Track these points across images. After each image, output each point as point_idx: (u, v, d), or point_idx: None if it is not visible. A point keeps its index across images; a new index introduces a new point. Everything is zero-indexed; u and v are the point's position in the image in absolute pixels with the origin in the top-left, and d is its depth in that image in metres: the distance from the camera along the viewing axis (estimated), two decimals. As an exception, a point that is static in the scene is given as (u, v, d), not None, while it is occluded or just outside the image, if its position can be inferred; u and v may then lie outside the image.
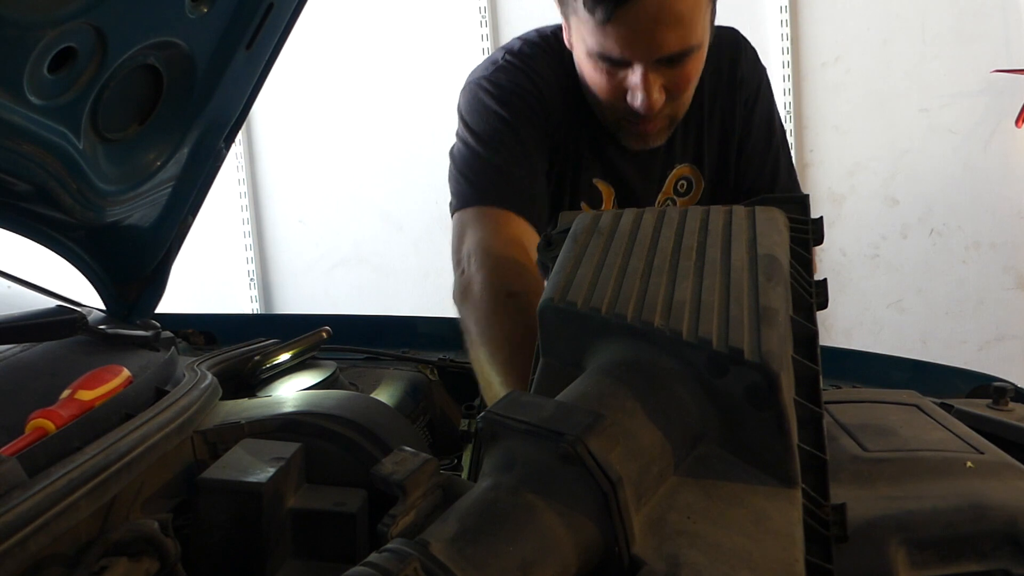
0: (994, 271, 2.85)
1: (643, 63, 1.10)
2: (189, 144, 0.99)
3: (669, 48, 1.08)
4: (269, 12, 0.91)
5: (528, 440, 0.47)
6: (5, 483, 0.55)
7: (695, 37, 1.09)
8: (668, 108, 1.18)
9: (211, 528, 0.67)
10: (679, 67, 1.12)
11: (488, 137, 1.20)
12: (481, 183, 1.16)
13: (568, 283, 0.62)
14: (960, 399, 0.92)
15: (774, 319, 0.54)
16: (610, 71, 1.14)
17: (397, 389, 1.05)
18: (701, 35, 1.11)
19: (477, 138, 1.21)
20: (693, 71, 1.15)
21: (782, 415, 0.50)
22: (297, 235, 3.55)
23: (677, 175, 1.35)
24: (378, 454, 0.73)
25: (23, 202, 0.91)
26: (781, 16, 2.86)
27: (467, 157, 1.21)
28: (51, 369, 0.86)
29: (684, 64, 1.12)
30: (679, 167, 1.34)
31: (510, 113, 1.21)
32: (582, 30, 1.12)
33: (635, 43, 1.08)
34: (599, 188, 1.33)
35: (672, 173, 1.35)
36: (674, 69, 1.12)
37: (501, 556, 0.43)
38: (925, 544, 0.57)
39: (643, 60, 1.10)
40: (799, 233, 0.71)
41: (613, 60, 1.12)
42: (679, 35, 1.07)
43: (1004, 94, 2.71)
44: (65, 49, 0.74)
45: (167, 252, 1.11)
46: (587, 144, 1.29)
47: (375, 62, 3.27)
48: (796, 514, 0.49)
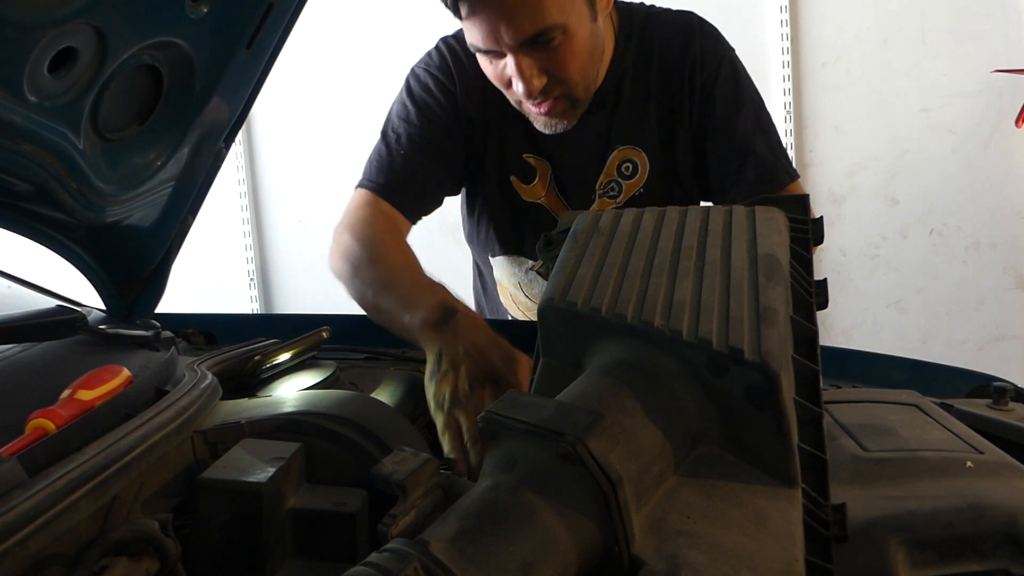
0: (994, 271, 2.85)
1: (509, 51, 1.16)
2: (189, 144, 0.99)
3: (524, 31, 1.13)
4: (269, 12, 0.91)
5: (528, 440, 0.47)
6: (5, 483, 0.55)
7: (551, 17, 1.12)
8: (558, 89, 1.22)
9: (211, 528, 0.67)
10: (549, 49, 1.16)
11: (391, 130, 1.37)
12: (369, 170, 1.35)
13: (568, 283, 0.62)
14: (960, 399, 0.92)
15: (774, 319, 0.54)
16: (492, 62, 1.21)
17: (397, 389, 1.05)
18: (560, 15, 1.13)
19: (384, 128, 1.39)
20: (569, 52, 1.18)
21: (782, 415, 0.50)
22: (297, 235, 3.55)
23: (620, 157, 1.37)
24: (378, 454, 0.73)
25: (23, 202, 0.91)
26: (781, 16, 2.86)
27: (377, 141, 1.39)
28: (51, 369, 0.86)
29: (553, 45, 1.16)
30: (621, 149, 1.36)
31: (419, 109, 1.35)
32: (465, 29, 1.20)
33: (491, 33, 1.14)
34: (531, 163, 1.38)
35: (614, 154, 1.36)
36: (545, 52, 1.16)
37: (501, 556, 0.43)
38: (925, 544, 0.57)
39: (507, 48, 1.15)
40: (799, 233, 0.71)
41: (486, 51, 1.19)
42: (532, 18, 1.12)
43: (1004, 94, 2.71)
44: (65, 49, 0.73)
45: (167, 252, 1.11)
46: (516, 119, 1.34)
47: (375, 62, 3.27)
48: (796, 514, 0.49)
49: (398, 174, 1.33)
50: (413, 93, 1.37)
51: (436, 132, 1.35)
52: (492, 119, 1.36)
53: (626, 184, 1.37)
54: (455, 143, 1.37)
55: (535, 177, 1.38)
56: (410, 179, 1.33)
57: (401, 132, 1.35)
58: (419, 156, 1.34)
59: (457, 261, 1.73)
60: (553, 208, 1.40)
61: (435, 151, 1.35)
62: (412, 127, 1.35)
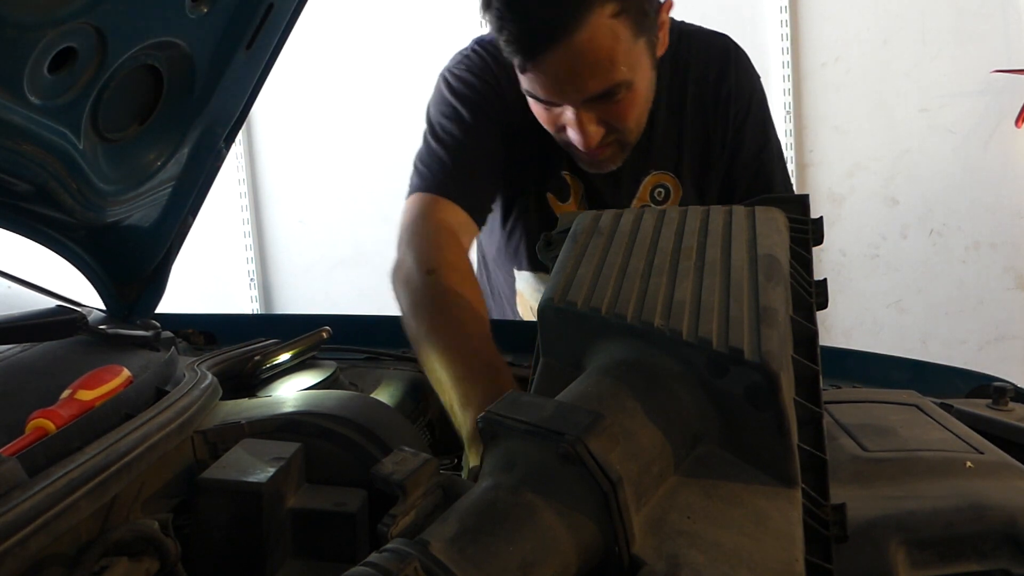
0: (994, 271, 2.85)
1: (571, 104, 1.12)
2: (189, 144, 0.99)
3: (592, 90, 1.09)
4: (269, 12, 0.91)
5: (528, 440, 0.47)
6: (5, 483, 0.55)
7: (619, 75, 1.09)
8: (612, 136, 1.19)
9: (211, 528, 0.67)
10: (611, 103, 1.13)
11: (440, 129, 1.27)
12: (424, 173, 1.25)
13: (568, 283, 0.62)
14: (960, 399, 0.92)
15: (774, 319, 0.54)
16: (546, 108, 1.16)
17: (397, 389, 1.05)
18: (628, 72, 1.10)
19: (431, 130, 1.29)
20: (629, 104, 1.15)
21: (782, 415, 0.50)
22: (297, 235, 3.55)
23: (653, 182, 1.35)
24: (378, 454, 0.73)
25: (23, 202, 0.91)
26: (781, 16, 2.86)
27: (421, 148, 1.29)
28: (51, 369, 0.86)
29: (616, 99, 1.12)
30: (655, 174, 1.34)
31: (464, 106, 1.27)
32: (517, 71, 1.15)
33: (556, 89, 1.11)
34: (568, 181, 1.35)
35: (647, 180, 1.35)
36: (607, 105, 1.13)
37: (501, 556, 0.43)
38: (925, 544, 0.57)
39: (569, 102, 1.12)
40: (799, 233, 0.71)
41: (543, 100, 1.14)
42: (600, 77, 1.08)
43: (1004, 94, 2.71)
44: (65, 49, 0.74)
45: (167, 252, 1.11)
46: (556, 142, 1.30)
47: (375, 62, 3.27)
48: (796, 514, 0.49)
49: (462, 172, 1.24)
50: (458, 92, 1.30)
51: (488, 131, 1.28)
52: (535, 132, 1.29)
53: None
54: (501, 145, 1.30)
55: (570, 195, 1.36)
56: (476, 177, 1.25)
57: (453, 131, 1.27)
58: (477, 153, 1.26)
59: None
60: None
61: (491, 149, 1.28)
62: (464, 124, 1.27)
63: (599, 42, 1.05)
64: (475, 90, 1.29)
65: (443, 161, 1.25)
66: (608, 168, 1.27)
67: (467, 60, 1.33)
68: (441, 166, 1.25)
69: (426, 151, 1.29)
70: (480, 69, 1.31)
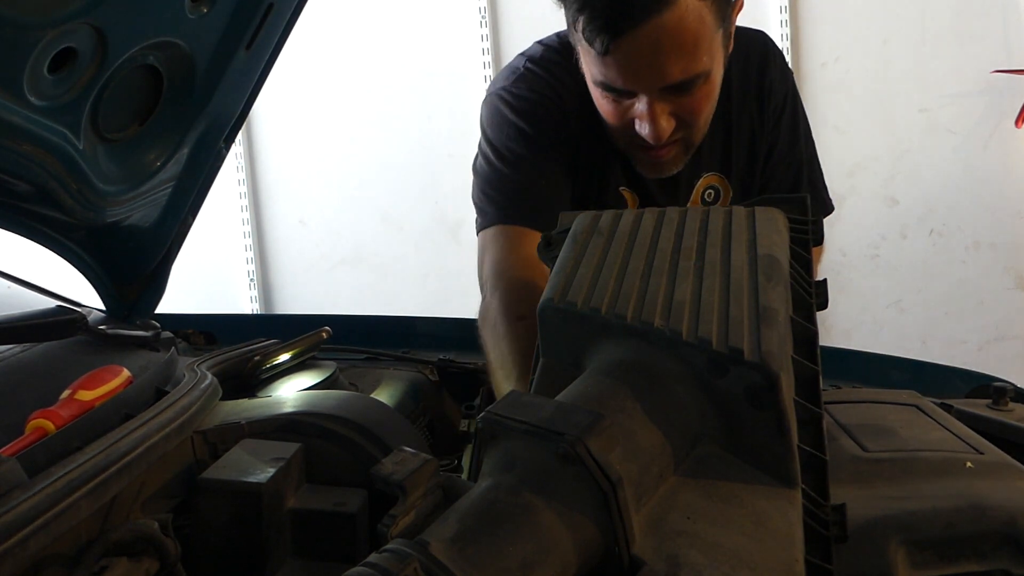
0: (994, 271, 2.85)
1: (647, 93, 1.07)
2: (189, 144, 0.99)
3: (673, 77, 1.05)
4: (269, 12, 0.91)
5: (528, 440, 0.47)
6: (5, 483, 0.55)
7: (701, 64, 1.05)
8: (680, 134, 1.14)
9: (211, 528, 0.67)
10: (687, 95, 1.09)
11: (508, 152, 1.19)
12: (500, 200, 1.16)
13: (568, 283, 0.62)
14: (960, 399, 0.92)
15: (774, 319, 0.54)
16: (616, 100, 1.12)
17: (397, 389, 1.05)
18: (709, 62, 1.07)
19: (497, 153, 1.20)
20: (704, 98, 1.11)
21: (782, 415, 0.50)
22: (297, 235, 3.55)
23: (704, 184, 1.32)
24: (378, 454, 0.73)
25: (23, 202, 0.91)
26: (781, 16, 2.86)
27: (488, 173, 1.20)
28: (51, 369, 0.86)
29: (693, 91, 1.08)
30: (706, 176, 1.32)
31: (530, 125, 1.19)
32: (586, 59, 1.10)
33: (637, 73, 1.06)
34: (625, 196, 1.31)
35: (699, 183, 1.32)
36: (682, 97, 1.09)
37: (501, 556, 0.43)
38: (925, 544, 0.57)
39: (647, 90, 1.07)
40: (799, 233, 0.71)
41: (617, 90, 1.09)
42: (683, 64, 1.04)
43: (1004, 94, 2.71)
44: (65, 49, 0.73)
45: (167, 252, 1.11)
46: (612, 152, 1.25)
47: (375, 62, 3.27)
48: (796, 514, 0.49)
49: (538, 196, 1.17)
50: (519, 110, 1.22)
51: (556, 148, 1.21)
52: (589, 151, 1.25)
53: None
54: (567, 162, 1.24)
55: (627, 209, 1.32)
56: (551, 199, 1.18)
57: (523, 153, 1.19)
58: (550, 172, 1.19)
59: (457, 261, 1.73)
60: None
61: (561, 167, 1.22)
62: (533, 144, 1.19)
63: (687, 24, 1.01)
64: (537, 106, 1.22)
65: (519, 186, 1.17)
66: (668, 172, 1.22)
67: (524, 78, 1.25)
68: (517, 192, 1.17)
69: (496, 177, 1.20)
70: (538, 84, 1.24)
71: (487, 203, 1.18)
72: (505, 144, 1.20)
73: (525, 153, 1.18)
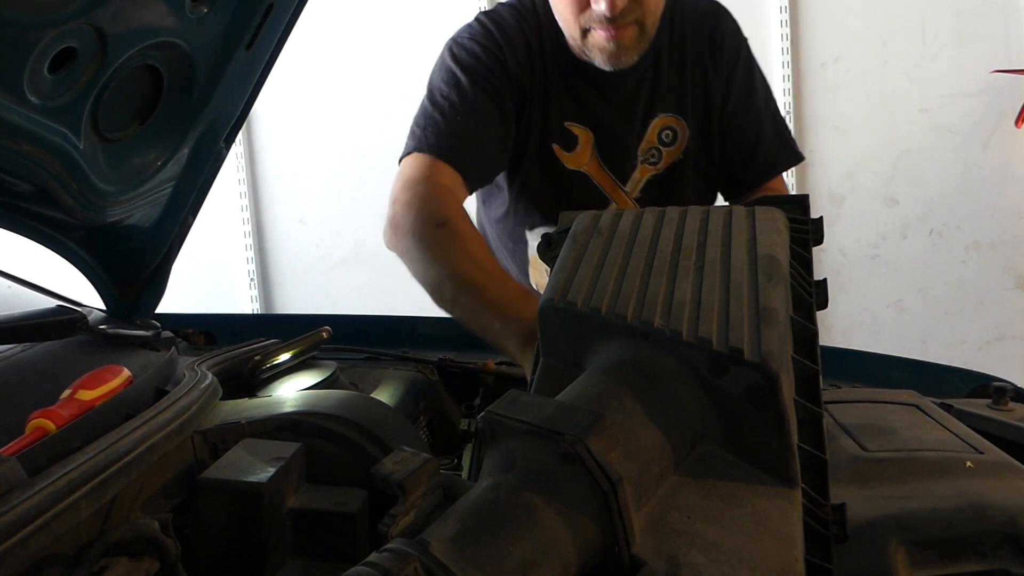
0: (994, 271, 2.85)
1: None
2: (189, 144, 0.99)
3: None
4: (269, 12, 0.91)
5: (528, 440, 0.47)
6: (5, 483, 0.55)
7: None
8: (634, 16, 1.24)
9: (211, 528, 0.67)
10: None
11: (439, 94, 1.32)
12: (420, 135, 1.29)
13: (568, 283, 0.62)
14: (960, 399, 0.92)
15: (774, 319, 0.54)
16: None
17: (397, 389, 1.05)
18: None
19: (430, 96, 1.34)
20: None
21: (782, 415, 0.50)
22: (297, 235, 3.54)
23: (660, 124, 1.40)
24: (378, 454, 0.73)
25: (23, 202, 0.91)
26: (781, 16, 2.86)
27: (418, 114, 1.34)
28: (51, 369, 0.86)
29: None
30: (662, 116, 1.39)
31: (467, 74, 1.32)
32: None
33: None
34: (574, 132, 1.38)
35: (655, 121, 1.40)
36: None
37: (501, 556, 0.43)
38: (925, 544, 0.57)
39: None
40: (799, 233, 0.71)
41: None
42: None
43: (1004, 94, 2.71)
44: (65, 49, 0.73)
45: (167, 252, 1.11)
46: (560, 87, 1.35)
47: (375, 62, 3.27)
48: (796, 514, 0.49)
49: (458, 137, 1.28)
50: (460, 60, 1.34)
51: (490, 97, 1.32)
52: (537, 87, 1.36)
53: (666, 151, 1.41)
54: (508, 109, 1.34)
55: (577, 145, 1.39)
56: (471, 142, 1.29)
57: (454, 98, 1.31)
58: (477, 120, 1.30)
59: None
60: (595, 176, 1.41)
61: (491, 116, 1.32)
62: (464, 92, 1.31)
63: None
64: (477, 58, 1.33)
65: (439, 125, 1.29)
66: (627, 59, 1.30)
67: (470, 28, 1.39)
68: (436, 130, 1.28)
69: (422, 115, 1.33)
70: (483, 36, 1.35)
71: (410, 137, 1.31)
72: (439, 87, 1.34)
73: (453, 98, 1.30)
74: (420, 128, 1.31)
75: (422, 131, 1.30)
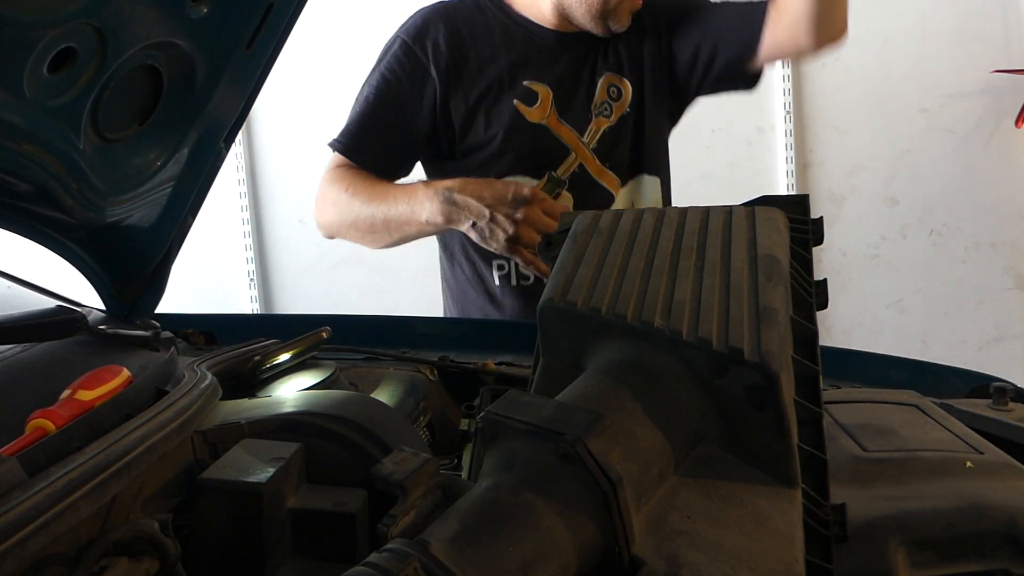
0: (994, 271, 2.85)
1: None
2: (189, 144, 0.99)
3: None
4: (269, 12, 0.91)
5: (528, 440, 0.47)
6: (5, 483, 0.55)
7: None
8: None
9: (211, 528, 0.66)
10: None
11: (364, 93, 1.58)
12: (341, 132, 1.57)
13: (568, 283, 0.62)
14: (960, 399, 0.92)
15: (774, 319, 0.54)
16: None
17: (397, 389, 1.05)
18: None
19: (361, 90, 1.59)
20: None
21: (782, 415, 0.50)
22: (297, 235, 3.54)
23: (607, 82, 1.57)
24: (378, 454, 0.73)
25: (23, 202, 0.91)
26: (781, 16, 2.85)
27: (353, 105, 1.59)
28: (51, 369, 0.86)
29: None
30: (607, 75, 1.57)
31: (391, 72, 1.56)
32: None
33: None
34: (534, 89, 1.55)
35: (601, 80, 1.57)
36: None
37: (501, 556, 0.43)
38: (925, 544, 0.57)
39: None
40: (799, 233, 0.71)
41: None
42: None
43: (1004, 94, 2.71)
44: (65, 49, 0.73)
45: (167, 252, 1.11)
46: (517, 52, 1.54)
47: (375, 62, 3.27)
48: (796, 514, 0.49)
49: (359, 135, 1.54)
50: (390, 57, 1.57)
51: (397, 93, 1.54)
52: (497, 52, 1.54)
53: (615, 105, 1.59)
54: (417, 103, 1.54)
55: (537, 100, 1.55)
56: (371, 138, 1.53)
57: (368, 94, 1.56)
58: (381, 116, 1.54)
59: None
60: (555, 128, 1.56)
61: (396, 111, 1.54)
62: (371, 89, 1.56)
63: None
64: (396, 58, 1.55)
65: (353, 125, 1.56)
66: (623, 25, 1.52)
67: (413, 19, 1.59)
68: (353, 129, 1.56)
69: (351, 111, 1.58)
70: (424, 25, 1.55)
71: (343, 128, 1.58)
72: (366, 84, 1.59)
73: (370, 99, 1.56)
74: (345, 124, 1.57)
75: (345, 128, 1.57)
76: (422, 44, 1.54)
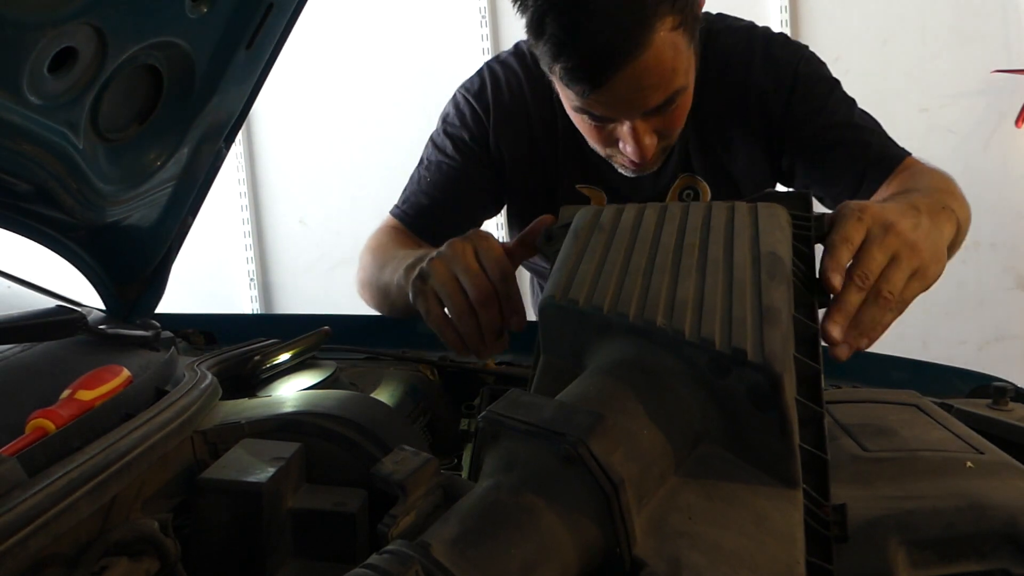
0: (994, 271, 2.85)
1: (630, 118, 1.10)
2: (189, 144, 0.99)
3: (655, 102, 1.08)
4: (269, 12, 0.91)
5: (529, 441, 0.47)
6: (5, 483, 0.55)
7: (678, 81, 1.08)
8: (662, 144, 1.18)
9: (211, 528, 0.66)
10: (668, 111, 1.11)
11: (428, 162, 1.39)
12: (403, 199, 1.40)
13: (569, 280, 0.62)
14: (960, 399, 0.92)
15: (777, 319, 0.53)
16: (598, 125, 1.14)
17: (397, 389, 1.05)
18: (684, 78, 1.09)
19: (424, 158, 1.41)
20: (682, 109, 1.14)
21: (784, 416, 0.50)
22: (297, 235, 3.55)
23: (682, 184, 1.35)
24: (378, 454, 0.73)
25: (23, 202, 0.91)
26: (781, 16, 2.85)
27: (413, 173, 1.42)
28: (51, 369, 0.86)
29: (672, 107, 1.11)
30: (683, 176, 1.35)
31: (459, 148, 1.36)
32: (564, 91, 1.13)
33: (619, 106, 1.08)
34: (585, 193, 1.36)
35: (676, 182, 1.35)
36: (663, 115, 1.11)
37: (502, 558, 0.42)
38: (925, 544, 0.57)
39: (630, 117, 1.10)
40: (802, 230, 0.71)
41: (599, 117, 1.12)
42: (663, 89, 1.06)
43: (1004, 94, 2.71)
44: (65, 49, 0.73)
45: (167, 252, 1.11)
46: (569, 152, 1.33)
47: (375, 62, 3.27)
48: (797, 515, 0.49)
49: (423, 204, 1.36)
50: (447, 120, 1.38)
51: (467, 164, 1.35)
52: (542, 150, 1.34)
53: None
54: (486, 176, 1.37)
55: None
56: (434, 210, 1.35)
57: (433, 160, 1.37)
58: (447, 188, 1.35)
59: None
60: None
61: (464, 184, 1.35)
62: (442, 156, 1.37)
63: (663, 57, 1.03)
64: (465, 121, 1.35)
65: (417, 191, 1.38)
66: (648, 171, 1.25)
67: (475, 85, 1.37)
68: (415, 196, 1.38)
69: (414, 177, 1.41)
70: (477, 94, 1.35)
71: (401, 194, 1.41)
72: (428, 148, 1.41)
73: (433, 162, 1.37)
74: (407, 190, 1.41)
75: (407, 194, 1.40)
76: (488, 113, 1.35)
